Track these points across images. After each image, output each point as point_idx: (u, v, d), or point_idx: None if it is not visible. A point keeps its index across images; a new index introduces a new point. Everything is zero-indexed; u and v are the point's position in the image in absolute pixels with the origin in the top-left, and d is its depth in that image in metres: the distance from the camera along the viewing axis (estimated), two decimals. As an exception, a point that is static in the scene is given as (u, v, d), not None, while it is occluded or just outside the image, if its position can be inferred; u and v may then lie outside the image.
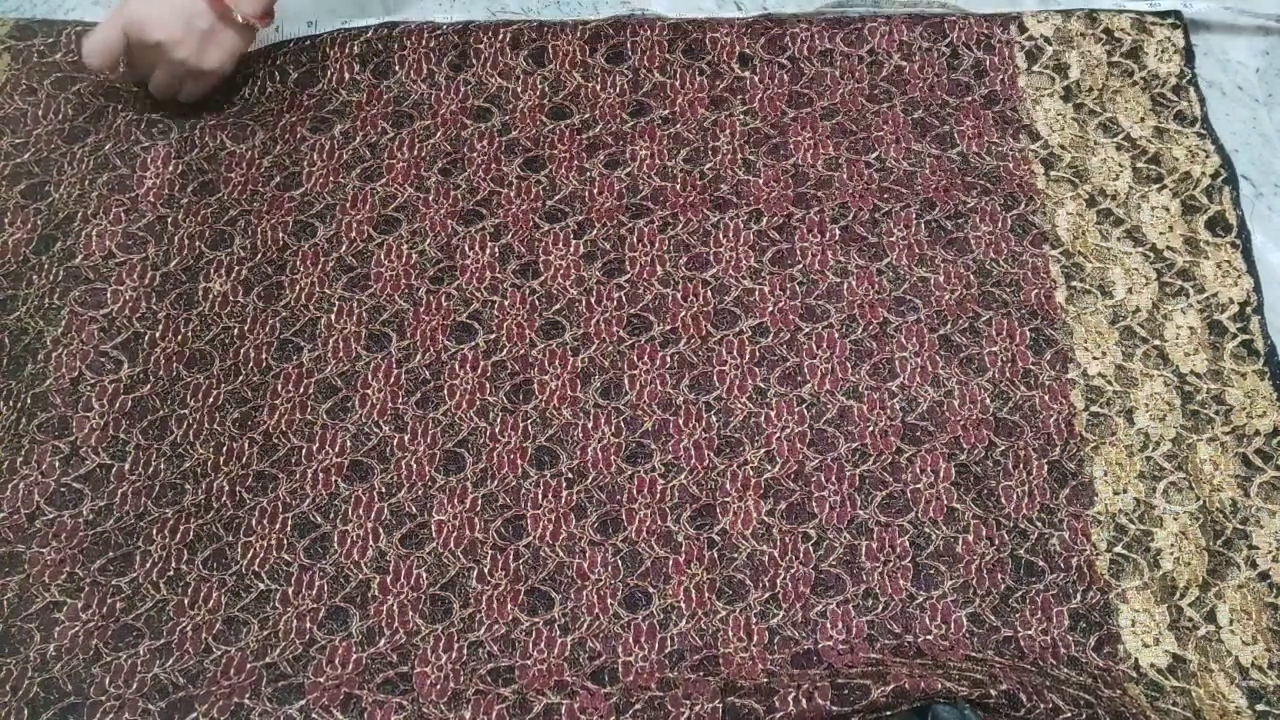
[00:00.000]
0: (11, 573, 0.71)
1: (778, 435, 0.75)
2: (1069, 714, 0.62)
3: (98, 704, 0.66)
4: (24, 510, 0.73)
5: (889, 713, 0.63)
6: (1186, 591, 0.70)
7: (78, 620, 0.69)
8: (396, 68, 0.90)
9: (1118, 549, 0.71)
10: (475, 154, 0.86)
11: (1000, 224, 0.82)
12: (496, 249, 0.82)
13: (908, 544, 0.71)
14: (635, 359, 0.78)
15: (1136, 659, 0.68)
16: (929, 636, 0.69)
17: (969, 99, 0.88)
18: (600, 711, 0.65)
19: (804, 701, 0.62)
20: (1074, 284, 0.80)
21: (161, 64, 0.83)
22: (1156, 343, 0.78)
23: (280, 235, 0.83)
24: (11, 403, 0.76)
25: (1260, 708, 0.66)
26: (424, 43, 0.90)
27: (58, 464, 0.74)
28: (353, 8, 0.94)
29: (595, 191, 0.84)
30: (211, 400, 0.77)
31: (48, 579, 0.71)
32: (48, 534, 0.72)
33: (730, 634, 0.69)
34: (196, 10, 0.81)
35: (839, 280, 0.80)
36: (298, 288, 0.81)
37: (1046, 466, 0.74)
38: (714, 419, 0.76)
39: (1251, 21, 0.93)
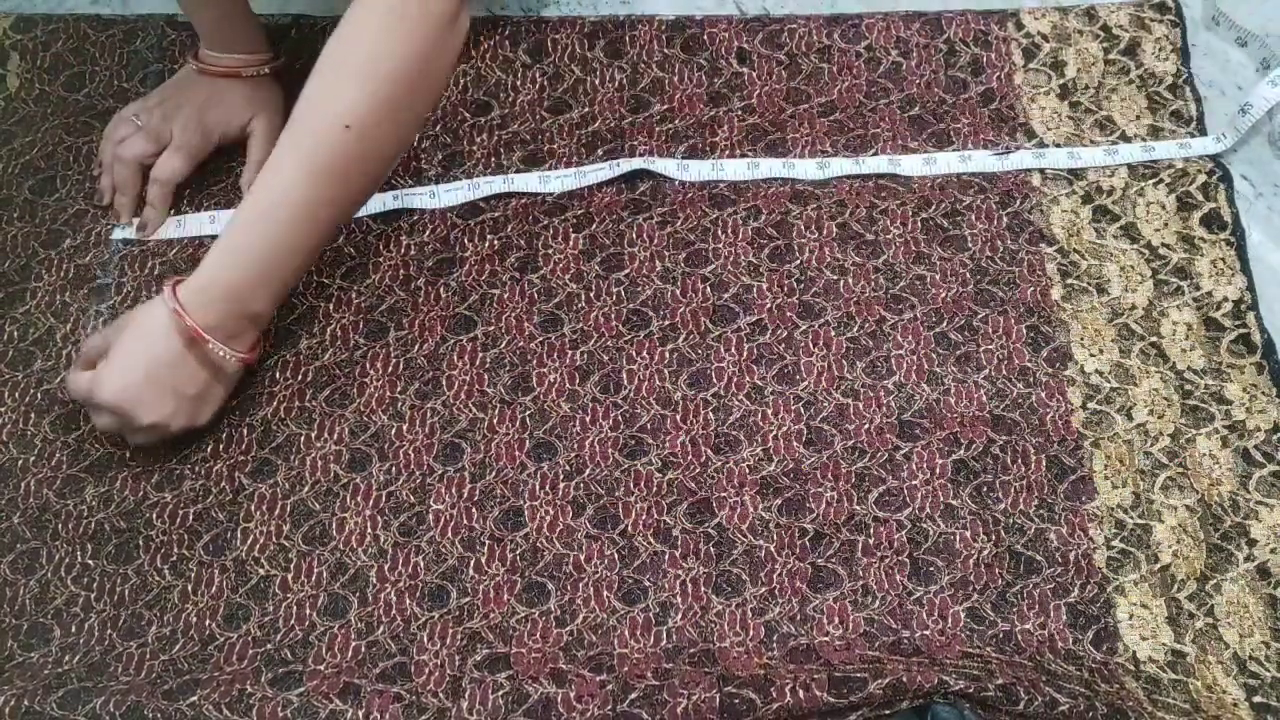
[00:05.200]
0: (32, 570, 0.72)
1: (774, 433, 0.75)
2: (1065, 705, 0.62)
3: (105, 688, 0.66)
4: (35, 504, 0.74)
5: (888, 712, 0.63)
6: (1184, 585, 0.70)
7: (92, 611, 0.70)
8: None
9: (1116, 543, 0.71)
10: (475, 147, 0.86)
11: (996, 221, 0.82)
12: (495, 242, 0.82)
13: (905, 539, 0.71)
14: (634, 354, 0.78)
15: (1135, 652, 0.68)
16: (926, 632, 0.68)
17: (965, 96, 0.88)
18: (597, 700, 0.65)
19: (801, 692, 0.62)
20: (1070, 281, 0.80)
21: (150, 433, 0.73)
22: (1154, 339, 0.78)
23: None
24: (19, 396, 0.77)
25: (1257, 699, 0.66)
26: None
27: (65, 458, 0.75)
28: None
29: (594, 186, 0.84)
30: None
31: (64, 573, 0.71)
32: (58, 526, 0.73)
33: (726, 628, 0.69)
34: (182, 377, 0.71)
35: (836, 277, 0.80)
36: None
37: (1044, 462, 0.73)
38: (711, 415, 0.76)
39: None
